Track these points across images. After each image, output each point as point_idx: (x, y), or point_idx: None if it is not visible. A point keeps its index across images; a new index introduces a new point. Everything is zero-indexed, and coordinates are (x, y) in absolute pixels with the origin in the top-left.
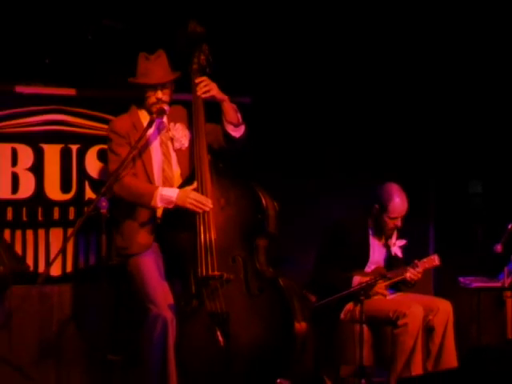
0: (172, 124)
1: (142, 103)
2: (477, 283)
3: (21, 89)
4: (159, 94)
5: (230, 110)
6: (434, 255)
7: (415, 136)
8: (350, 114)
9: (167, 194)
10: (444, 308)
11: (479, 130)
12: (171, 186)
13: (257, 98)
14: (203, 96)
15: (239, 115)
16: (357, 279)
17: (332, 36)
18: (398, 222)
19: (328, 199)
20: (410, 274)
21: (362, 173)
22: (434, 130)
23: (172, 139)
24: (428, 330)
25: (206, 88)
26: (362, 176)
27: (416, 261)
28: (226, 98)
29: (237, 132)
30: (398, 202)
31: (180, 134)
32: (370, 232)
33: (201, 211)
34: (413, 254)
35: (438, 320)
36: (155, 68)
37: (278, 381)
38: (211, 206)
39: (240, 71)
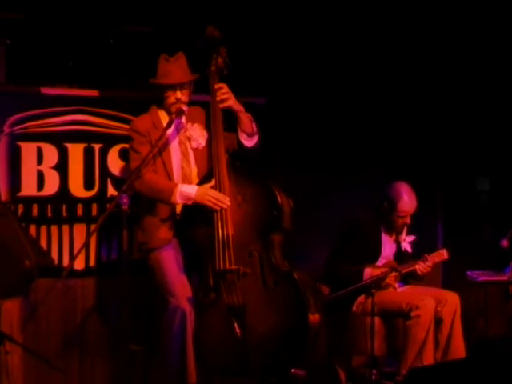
0: (190, 124)
1: (161, 103)
2: (484, 277)
3: (46, 90)
4: (178, 95)
5: (246, 120)
6: (442, 249)
7: (424, 135)
8: (361, 114)
9: (186, 190)
10: (452, 300)
11: (486, 128)
12: (190, 183)
13: (271, 98)
14: (221, 105)
15: (254, 125)
16: (368, 271)
17: (342, 39)
18: (407, 220)
19: (341, 197)
20: (420, 267)
21: (373, 171)
22: (442, 129)
23: (189, 138)
24: (436, 322)
25: (225, 96)
26: (373, 174)
27: (425, 255)
28: (242, 108)
29: (250, 142)
30: (407, 201)
31: (197, 134)
32: (382, 228)
33: (218, 208)
34: (422, 249)
35: (446, 311)
36: (175, 69)
37: (293, 370)
38: (229, 203)
39: (255, 73)
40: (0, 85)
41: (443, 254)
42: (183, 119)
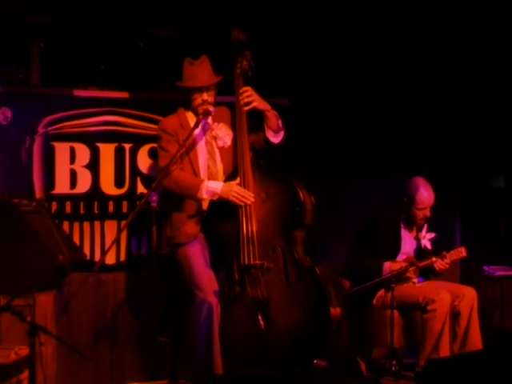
0: (216, 124)
1: (188, 105)
2: (500, 272)
3: (79, 92)
4: (204, 96)
5: (272, 117)
6: (461, 247)
7: (441, 135)
8: (379, 115)
9: (212, 186)
10: (469, 294)
11: (502, 128)
12: (215, 180)
13: (295, 99)
14: (245, 108)
15: (280, 122)
16: (387, 265)
17: (361, 40)
18: (427, 212)
19: (361, 194)
20: (439, 263)
21: (391, 171)
22: (460, 129)
23: (215, 138)
24: (454, 315)
25: (249, 99)
26: (391, 173)
27: (444, 252)
28: (267, 107)
29: (276, 138)
30: (424, 193)
31: (223, 133)
32: (402, 225)
33: (243, 204)
34: (440, 245)
35: (464, 305)
36: (200, 72)
37: (315, 361)
38: (253, 199)
39: (279, 75)
40: (35, 87)
41: (462, 252)
42: (209, 119)
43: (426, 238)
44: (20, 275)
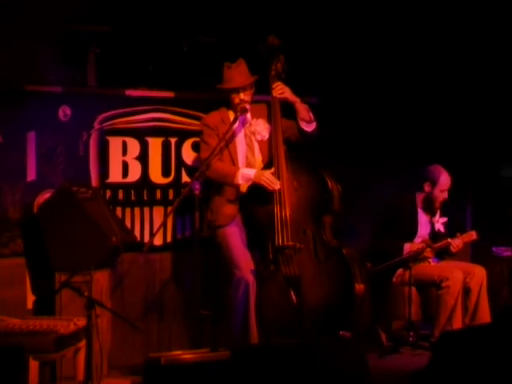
0: (254, 119)
1: (229, 104)
2: (507, 252)
3: (130, 92)
4: (241, 96)
5: (302, 110)
6: (472, 231)
7: (454, 129)
8: (400, 111)
9: (247, 172)
10: (479, 272)
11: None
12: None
13: (323, 98)
14: (278, 97)
15: (311, 114)
16: (407, 246)
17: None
18: (446, 194)
19: (383, 183)
20: (454, 245)
21: (410, 162)
22: (472, 123)
23: (254, 133)
24: (466, 291)
25: (281, 91)
26: (410, 164)
27: (458, 234)
28: (297, 99)
29: (309, 127)
30: (446, 176)
31: (261, 128)
32: (419, 210)
33: (271, 188)
34: (454, 229)
35: (474, 283)
36: (237, 74)
37: (341, 332)
38: (279, 186)
39: (308, 75)
40: (91, 87)
41: (473, 235)
42: (248, 115)
43: (440, 222)
44: (78, 255)
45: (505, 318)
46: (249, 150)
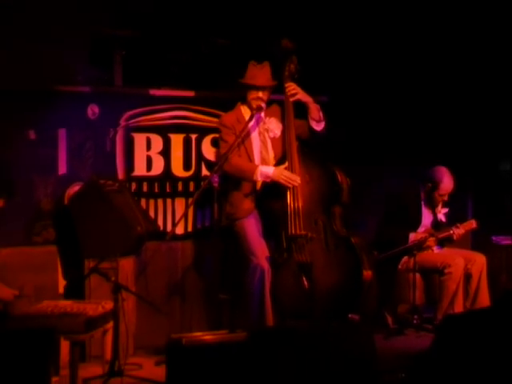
0: (268, 118)
1: (244, 101)
2: (506, 241)
3: (153, 92)
4: (260, 94)
5: (314, 109)
6: (472, 220)
7: (457, 127)
8: (405, 111)
9: (265, 170)
10: (479, 259)
11: (510, 119)
12: (267, 165)
13: (332, 96)
14: (291, 99)
15: (321, 113)
16: (412, 235)
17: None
18: (446, 198)
19: (388, 177)
20: (454, 233)
21: (415, 158)
22: (472, 122)
23: (267, 130)
24: (467, 277)
25: (294, 91)
26: (414, 160)
27: (458, 224)
28: (310, 99)
29: (318, 126)
30: (447, 183)
31: (274, 126)
32: (422, 202)
33: (291, 185)
34: (456, 219)
35: (475, 269)
36: (260, 74)
37: (350, 315)
38: (299, 181)
39: (318, 74)
40: (117, 87)
41: (473, 224)
42: (262, 114)
43: (441, 213)
44: (106, 243)
45: (503, 302)
46: (263, 146)
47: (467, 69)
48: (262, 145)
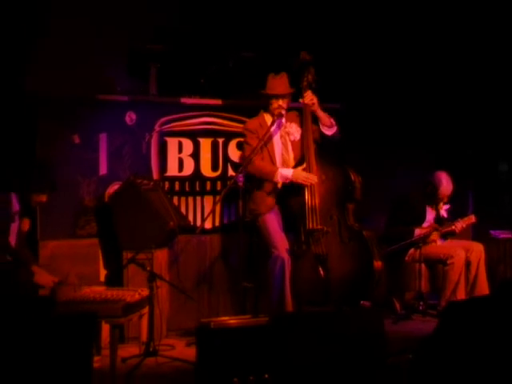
0: (288, 123)
1: (267, 109)
2: (503, 235)
3: (184, 100)
4: (280, 102)
5: (323, 117)
6: (471, 215)
7: (459, 131)
8: (411, 116)
9: (285, 173)
10: (478, 248)
11: (508, 122)
12: (288, 166)
13: (344, 104)
14: (311, 108)
15: (332, 120)
16: (417, 231)
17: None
18: (446, 199)
19: (396, 177)
20: (456, 227)
21: (420, 159)
22: (473, 125)
23: (288, 134)
24: (467, 264)
25: (312, 101)
26: (420, 161)
27: (459, 218)
28: (319, 109)
29: (329, 131)
30: (446, 187)
31: (293, 130)
32: (426, 201)
33: (309, 185)
34: (458, 214)
35: (474, 257)
36: (279, 84)
37: (362, 302)
38: (317, 180)
39: (331, 83)
40: (152, 96)
41: (472, 219)
42: (283, 120)
43: (444, 209)
44: (142, 236)
45: (501, 290)
46: (284, 149)
47: (472, 80)
48: (283, 147)
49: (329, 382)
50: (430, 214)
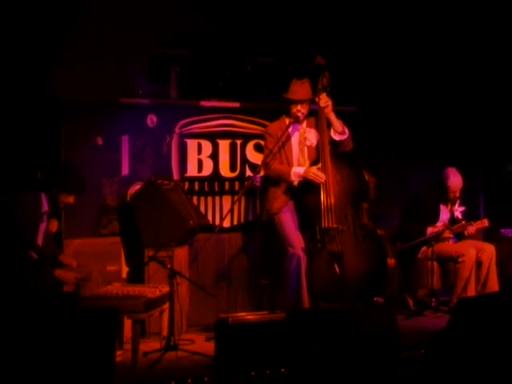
0: (308, 129)
1: (288, 113)
2: None
3: (204, 103)
4: (299, 107)
5: (336, 122)
6: (485, 219)
7: (471, 134)
8: (425, 119)
9: (297, 171)
10: (489, 249)
11: None
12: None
13: (360, 107)
14: (325, 111)
15: (344, 127)
16: (429, 229)
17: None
18: (457, 193)
19: (410, 177)
20: (468, 229)
21: (433, 160)
22: (485, 129)
23: (306, 139)
24: (478, 264)
25: (326, 103)
26: (433, 163)
27: (472, 221)
28: (333, 114)
29: (340, 137)
30: (454, 180)
31: (311, 136)
32: (440, 201)
33: (317, 181)
34: (469, 215)
35: (485, 257)
36: (300, 90)
37: (375, 298)
38: (325, 178)
39: (347, 86)
40: (173, 99)
41: (485, 223)
42: (304, 125)
43: (458, 211)
44: (162, 235)
45: (511, 287)
46: (300, 153)
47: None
48: (300, 152)
49: (344, 376)
50: (445, 214)
